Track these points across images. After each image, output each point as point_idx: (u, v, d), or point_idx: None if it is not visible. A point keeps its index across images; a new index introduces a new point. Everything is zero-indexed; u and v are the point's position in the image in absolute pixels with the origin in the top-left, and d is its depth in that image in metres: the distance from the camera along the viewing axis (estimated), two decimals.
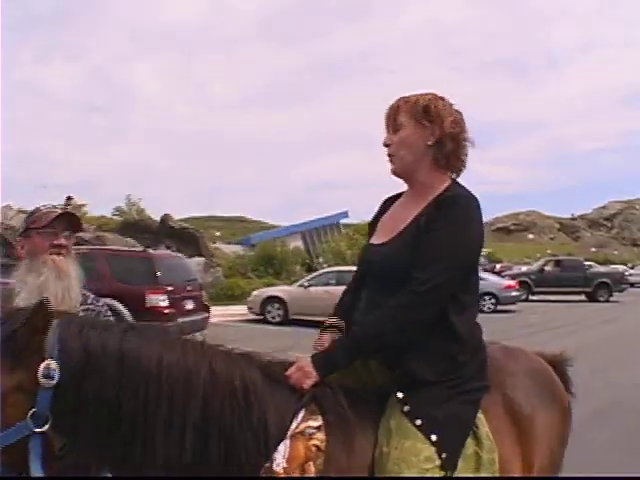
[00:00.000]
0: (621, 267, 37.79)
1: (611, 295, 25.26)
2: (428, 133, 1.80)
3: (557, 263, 27.44)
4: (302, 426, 1.57)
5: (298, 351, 2.24)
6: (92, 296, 2.17)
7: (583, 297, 25.29)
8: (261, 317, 15.86)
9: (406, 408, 1.67)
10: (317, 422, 1.58)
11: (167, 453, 1.44)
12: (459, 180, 1.88)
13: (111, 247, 13.79)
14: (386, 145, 1.87)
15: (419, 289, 1.67)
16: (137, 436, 1.44)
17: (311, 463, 1.53)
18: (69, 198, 21.48)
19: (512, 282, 21.64)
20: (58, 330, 1.45)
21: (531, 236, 77.47)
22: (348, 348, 1.71)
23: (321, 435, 1.56)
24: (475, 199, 1.79)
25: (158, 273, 10.28)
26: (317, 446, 1.55)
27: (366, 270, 1.91)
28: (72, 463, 1.49)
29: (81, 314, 2.01)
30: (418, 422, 1.66)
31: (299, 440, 1.54)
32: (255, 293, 16.67)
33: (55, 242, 2.06)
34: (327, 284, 15.18)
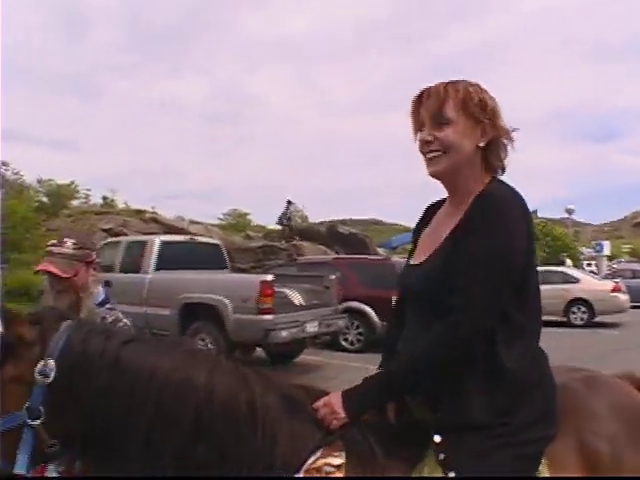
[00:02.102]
0: None
1: None
2: (479, 133, 1.59)
3: None
4: (320, 462, 1.45)
5: None
6: (110, 319, 2.35)
7: None
8: None
9: (442, 456, 1.47)
10: (338, 460, 1.45)
11: (150, 468, 1.43)
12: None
13: (353, 256, 14.80)
14: (425, 142, 1.61)
15: (457, 318, 1.48)
16: (120, 446, 1.44)
17: None
18: (289, 202, 22.65)
19: None
20: (65, 332, 1.51)
21: None
22: (381, 388, 1.55)
23: (340, 475, 1.44)
24: (517, 197, 1.56)
25: None
26: None
27: (405, 295, 1.75)
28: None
29: None
30: (452, 474, 1.45)
31: (314, 477, 1.44)
32: None
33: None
34: None
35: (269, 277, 8.29)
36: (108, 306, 2.44)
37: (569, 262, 27.57)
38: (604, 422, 1.62)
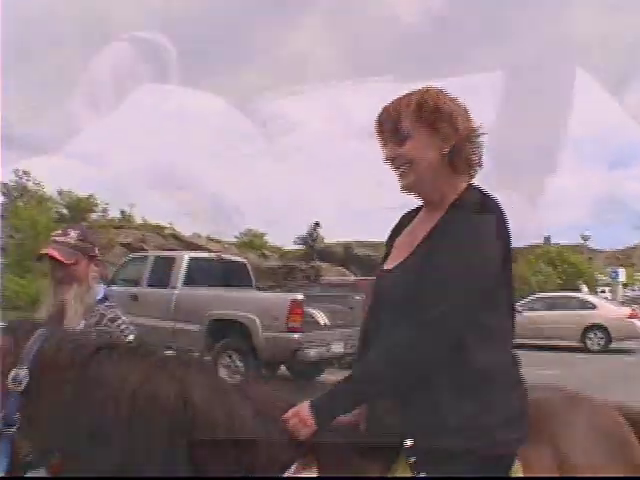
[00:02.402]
0: None
1: None
2: (440, 139, 1.57)
3: None
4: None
5: None
6: (109, 316, 2.34)
7: None
8: None
9: (412, 459, 1.48)
10: (311, 474, 1.46)
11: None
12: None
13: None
14: (391, 159, 1.63)
15: (423, 320, 1.48)
16: (91, 456, 1.42)
17: None
18: (317, 224, 22.83)
19: None
20: (38, 341, 1.52)
21: None
22: (348, 393, 1.54)
23: None
24: (492, 206, 1.57)
25: None
26: None
27: (377, 300, 1.72)
28: None
29: (94, 334, 2.18)
30: (422, 475, 1.47)
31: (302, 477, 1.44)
32: None
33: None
34: (533, 309, 16.63)
35: (299, 296, 8.34)
36: (107, 303, 2.43)
37: (585, 289, 27.55)
38: (580, 432, 1.65)
